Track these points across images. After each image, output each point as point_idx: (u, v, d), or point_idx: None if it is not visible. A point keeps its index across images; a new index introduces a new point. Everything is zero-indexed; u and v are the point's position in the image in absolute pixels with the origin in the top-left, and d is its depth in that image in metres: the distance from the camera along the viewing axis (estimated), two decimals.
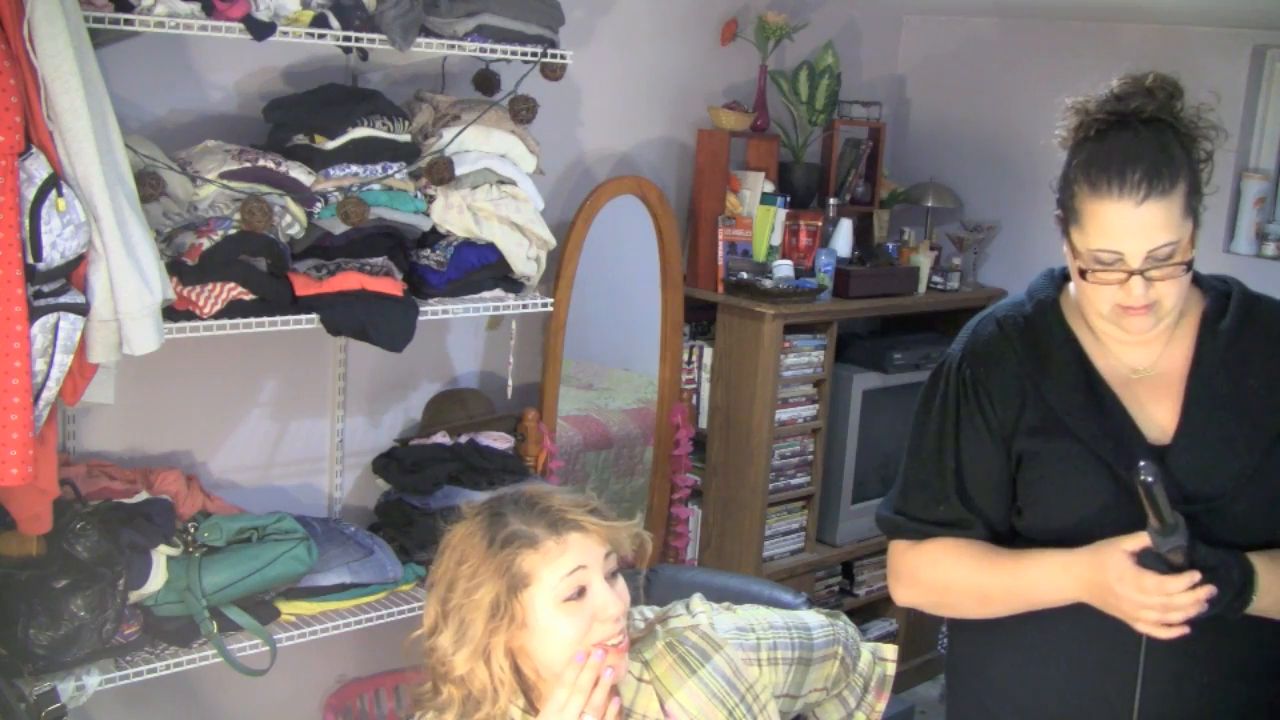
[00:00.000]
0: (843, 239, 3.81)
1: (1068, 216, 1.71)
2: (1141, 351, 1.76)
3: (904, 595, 1.89)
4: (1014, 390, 1.77)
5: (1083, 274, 1.69)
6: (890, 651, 1.91)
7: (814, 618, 1.83)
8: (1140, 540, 1.61)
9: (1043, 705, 1.80)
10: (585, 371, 3.72)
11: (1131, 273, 1.64)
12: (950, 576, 1.81)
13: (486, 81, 2.89)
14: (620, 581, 1.61)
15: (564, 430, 3.43)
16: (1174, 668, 1.70)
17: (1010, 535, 1.82)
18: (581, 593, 1.55)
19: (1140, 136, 1.65)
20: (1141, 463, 1.56)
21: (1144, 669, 1.70)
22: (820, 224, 3.75)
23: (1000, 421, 1.77)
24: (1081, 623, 1.73)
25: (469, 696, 1.56)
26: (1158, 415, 1.74)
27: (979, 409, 1.78)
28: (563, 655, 1.54)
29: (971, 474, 1.79)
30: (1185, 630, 1.61)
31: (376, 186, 2.57)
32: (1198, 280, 1.79)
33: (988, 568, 1.77)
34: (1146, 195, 1.62)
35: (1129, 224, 1.63)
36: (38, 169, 1.96)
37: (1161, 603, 1.60)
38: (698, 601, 1.78)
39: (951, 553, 1.80)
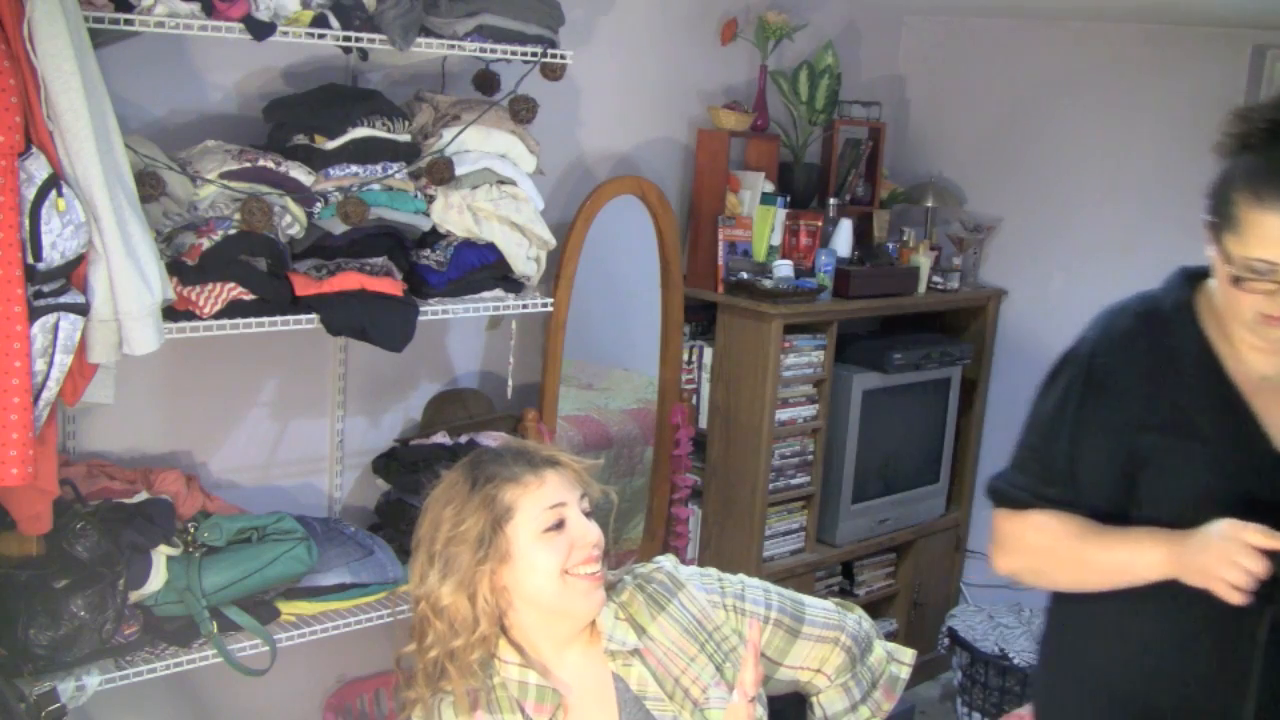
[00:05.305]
0: (843, 239, 3.81)
1: (1223, 223, 1.71)
2: (1273, 360, 1.77)
3: (1004, 562, 1.91)
4: (1142, 387, 1.78)
5: (1235, 281, 1.69)
6: (907, 655, 1.94)
7: (816, 600, 1.89)
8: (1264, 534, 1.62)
9: (1149, 694, 1.80)
10: (585, 371, 3.72)
11: None
12: (1053, 541, 1.83)
13: (486, 81, 2.89)
14: (594, 522, 1.72)
15: (564, 430, 3.42)
16: None
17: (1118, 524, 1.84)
18: (561, 525, 1.68)
19: None
20: None
21: (1261, 661, 1.69)
22: (820, 224, 3.75)
23: (1124, 416, 1.78)
24: (1195, 611, 1.72)
25: (451, 629, 1.66)
26: None
27: (1103, 400, 1.80)
28: (543, 585, 1.66)
29: (1085, 462, 1.81)
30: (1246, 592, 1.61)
31: (376, 186, 2.57)
32: None
33: (1089, 533, 1.79)
34: None
35: None
36: (38, 169, 1.96)
37: (1253, 540, 1.60)
38: (665, 558, 1.86)
39: (1056, 520, 1.83)
